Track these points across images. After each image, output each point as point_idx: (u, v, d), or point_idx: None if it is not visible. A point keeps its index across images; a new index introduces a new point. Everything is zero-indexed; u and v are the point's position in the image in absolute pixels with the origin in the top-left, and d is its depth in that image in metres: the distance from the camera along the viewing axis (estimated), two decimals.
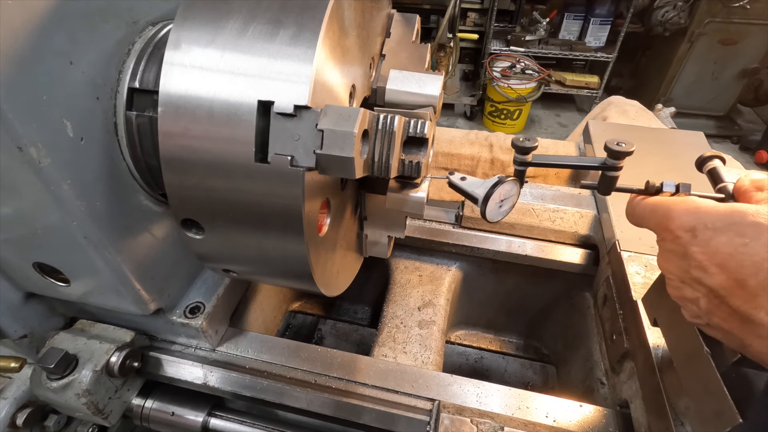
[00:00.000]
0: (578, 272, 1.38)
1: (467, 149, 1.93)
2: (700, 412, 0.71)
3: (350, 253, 1.02)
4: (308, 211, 0.64)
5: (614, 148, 0.68)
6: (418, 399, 1.04)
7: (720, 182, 0.68)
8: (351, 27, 0.70)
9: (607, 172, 0.73)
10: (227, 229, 0.70)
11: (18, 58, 0.61)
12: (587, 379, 1.33)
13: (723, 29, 4.77)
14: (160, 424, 1.15)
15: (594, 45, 5.23)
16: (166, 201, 0.91)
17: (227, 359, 1.12)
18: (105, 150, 0.77)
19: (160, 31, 0.83)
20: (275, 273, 0.84)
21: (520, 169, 0.79)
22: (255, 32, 0.60)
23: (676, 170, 1.37)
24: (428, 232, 1.46)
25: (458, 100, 5.63)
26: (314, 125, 0.57)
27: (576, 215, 1.41)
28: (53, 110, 0.67)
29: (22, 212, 0.77)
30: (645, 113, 2.16)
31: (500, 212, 0.83)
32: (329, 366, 1.10)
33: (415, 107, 0.83)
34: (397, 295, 1.39)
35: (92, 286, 0.90)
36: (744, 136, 5.35)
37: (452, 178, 0.83)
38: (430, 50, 0.95)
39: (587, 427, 0.98)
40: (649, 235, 0.68)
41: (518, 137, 0.76)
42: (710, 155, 0.71)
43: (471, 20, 5.35)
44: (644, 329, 0.94)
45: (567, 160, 0.79)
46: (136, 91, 0.78)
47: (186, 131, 0.61)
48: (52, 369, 0.94)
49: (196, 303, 1.07)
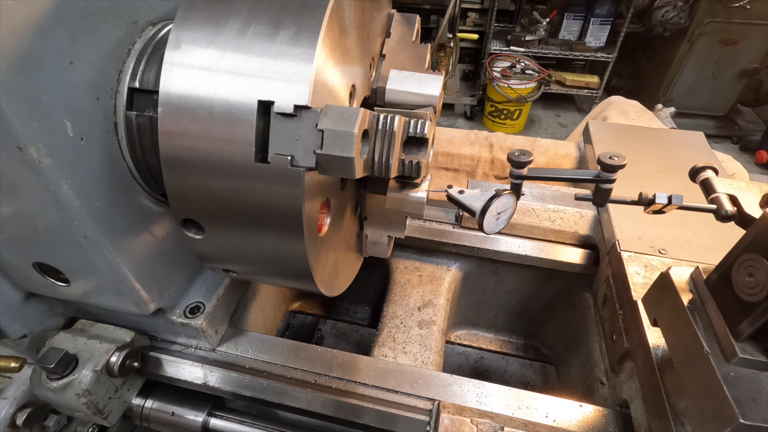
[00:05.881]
0: (578, 272, 1.38)
1: (467, 149, 1.93)
2: (700, 412, 0.71)
3: (350, 253, 1.02)
4: (308, 211, 0.64)
5: (607, 161, 0.69)
6: (418, 399, 1.04)
7: (713, 193, 0.68)
8: (351, 27, 0.70)
9: (601, 185, 0.74)
10: (227, 229, 0.70)
11: (18, 58, 0.61)
12: (587, 379, 1.33)
13: (723, 29, 4.77)
14: (160, 424, 1.15)
15: (594, 45, 5.23)
16: (166, 201, 0.91)
17: (227, 359, 1.12)
18: (105, 150, 0.77)
19: (160, 31, 0.83)
20: (275, 273, 0.84)
21: (516, 182, 0.80)
22: (255, 32, 0.60)
23: (676, 170, 1.37)
24: (428, 232, 1.45)
25: (458, 100, 5.63)
26: (314, 125, 0.57)
27: (576, 215, 1.41)
28: (53, 110, 0.67)
29: (23, 212, 0.77)
30: (645, 113, 2.16)
31: (497, 224, 0.84)
32: (329, 366, 1.10)
33: (415, 107, 0.83)
34: (397, 295, 1.39)
35: (92, 286, 0.90)
36: (744, 136, 5.35)
37: (450, 192, 0.84)
38: (430, 50, 0.95)
39: (587, 427, 0.98)
40: (649, 236, 0.68)
41: (514, 152, 0.78)
42: (703, 166, 0.72)
43: (471, 20, 5.35)
44: (644, 329, 0.94)
45: (562, 173, 0.80)
46: (136, 91, 0.78)
47: (186, 131, 0.61)
48: (52, 369, 0.94)
49: (196, 303, 1.07)
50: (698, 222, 1.19)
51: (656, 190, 0.81)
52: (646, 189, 0.81)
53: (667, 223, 1.19)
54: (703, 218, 0.80)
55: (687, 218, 1.17)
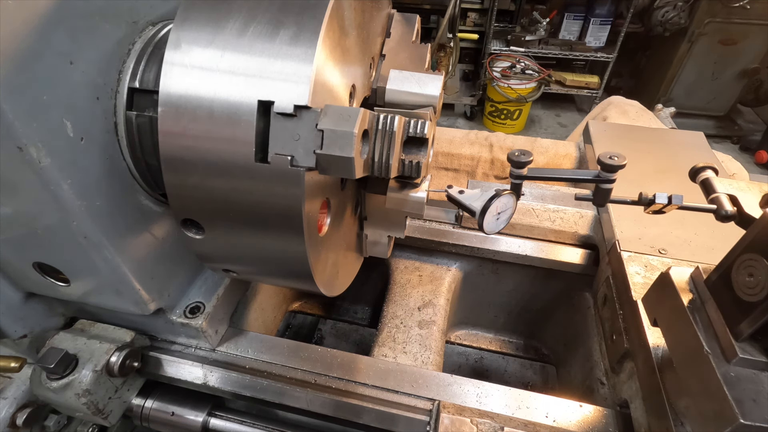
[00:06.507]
0: (578, 272, 1.38)
1: (467, 149, 1.93)
2: (700, 412, 0.71)
3: (350, 253, 1.02)
4: (308, 211, 0.64)
5: (607, 161, 0.69)
6: (418, 399, 1.04)
7: (713, 193, 0.68)
8: (351, 27, 0.70)
9: (601, 185, 0.74)
10: (227, 229, 0.70)
11: (18, 58, 0.61)
12: (587, 379, 1.33)
13: (723, 29, 4.77)
14: (160, 424, 1.15)
15: (594, 45, 5.23)
16: (166, 201, 0.91)
17: (227, 359, 1.12)
18: (105, 150, 0.77)
19: (160, 31, 0.83)
20: (275, 273, 0.84)
21: (516, 182, 0.81)
22: (255, 32, 0.60)
23: (676, 170, 1.37)
24: (428, 232, 1.45)
25: (458, 100, 5.63)
26: (314, 125, 0.57)
27: (576, 215, 1.41)
28: (53, 110, 0.67)
29: (23, 212, 0.77)
30: (645, 113, 2.16)
31: (497, 224, 0.84)
32: (329, 366, 1.09)
33: (415, 107, 0.83)
34: (397, 295, 1.39)
35: (92, 285, 0.90)
36: (744, 136, 5.35)
37: (450, 192, 0.84)
38: (430, 50, 0.95)
39: (587, 427, 0.98)
40: (649, 236, 0.68)
41: (514, 152, 0.78)
42: (703, 166, 0.72)
43: (471, 20, 5.35)
44: (644, 329, 0.94)
45: (562, 173, 0.80)
46: (136, 91, 0.78)
47: (186, 131, 0.61)
48: (52, 369, 0.94)
49: (196, 303, 1.07)
50: (698, 222, 1.19)
51: (656, 190, 0.81)
52: (646, 189, 0.81)
53: (667, 223, 1.19)
54: (703, 218, 0.80)
55: (687, 218, 1.17)
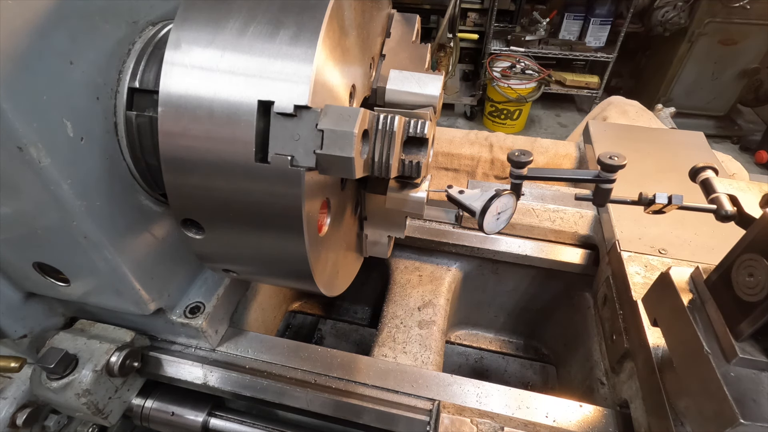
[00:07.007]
0: (578, 272, 1.38)
1: (467, 149, 1.93)
2: (700, 412, 0.71)
3: (350, 253, 1.02)
4: (308, 211, 0.64)
5: (607, 161, 0.69)
6: (418, 399, 1.04)
7: (713, 193, 0.68)
8: (351, 27, 0.70)
9: (601, 185, 0.74)
10: (227, 229, 0.70)
11: (18, 58, 0.61)
12: (587, 379, 1.33)
13: (723, 29, 4.77)
14: (160, 424, 1.15)
15: (594, 45, 5.23)
16: (166, 201, 0.91)
17: (227, 359, 1.12)
18: (105, 150, 0.77)
19: (160, 31, 0.83)
20: (275, 273, 0.84)
21: (516, 182, 0.81)
22: (255, 32, 0.60)
23: (676, 170, 1.37)
24: (428, 232, 1.45)
25: (458, 100, 5.63)
26: (314, 125, 0.57)
27: (576, 215, 1.41)
28: (53, 110, 0.67)
29: (23, 212, 0.77)
30: (645, 113, 2.16)
31: (497, 224, 0.84)
32: (329, 366, 1.09)
33: (415, 107, 0.83)
34: (397, 295, 1.39)
35: (92, 285, 0.90)
36: (744, 136, 5.35)
37: (450, 192, 0.84)
38: (430, 50, 0.95)
39: (587, 427, 0.98)
40: (649, 236, 0.68)
41: (514, 152, 0.78)
42: (703, 166, 0.72)
43: (471, 20, 5.35)
44: (644, 329, 0.94)
45: (562, 173, 0.80)
46: (136, 91, 0.78)
47: (186, 131, 0.61)
48: (52, 369, 0.94)
49: (196, 303, 1.07)
50: (698, 222, 1.19)
51: (656, 190, 0.81)
52: (646, 189, 0.81)
53: (667, 223, 1.19)
54: (703, 218, 0.80)
55: (687, 218, 1.17)
